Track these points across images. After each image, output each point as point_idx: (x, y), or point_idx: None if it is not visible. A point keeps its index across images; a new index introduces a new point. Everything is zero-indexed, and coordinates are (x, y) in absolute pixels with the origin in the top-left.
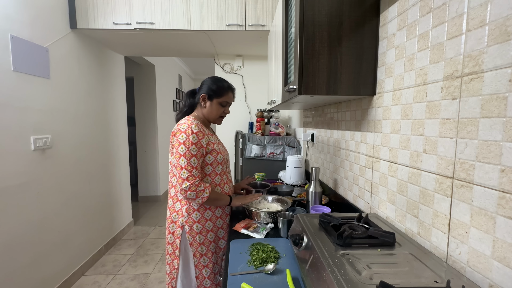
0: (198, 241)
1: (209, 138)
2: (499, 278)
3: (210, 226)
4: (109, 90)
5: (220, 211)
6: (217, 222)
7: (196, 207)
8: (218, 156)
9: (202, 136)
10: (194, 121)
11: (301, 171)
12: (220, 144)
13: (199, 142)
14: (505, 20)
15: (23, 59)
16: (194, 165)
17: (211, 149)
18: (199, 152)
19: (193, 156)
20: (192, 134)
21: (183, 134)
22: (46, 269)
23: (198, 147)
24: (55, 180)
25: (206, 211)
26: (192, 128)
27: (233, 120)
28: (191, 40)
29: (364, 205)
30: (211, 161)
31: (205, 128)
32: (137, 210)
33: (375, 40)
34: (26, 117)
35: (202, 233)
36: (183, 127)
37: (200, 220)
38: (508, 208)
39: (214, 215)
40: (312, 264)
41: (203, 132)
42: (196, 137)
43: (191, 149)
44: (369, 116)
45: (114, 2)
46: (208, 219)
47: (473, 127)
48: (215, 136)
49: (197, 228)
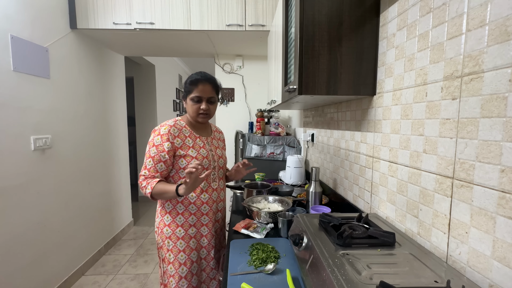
0: (166, 247)
1: (184, 142)
2: (499, 278)
3: (181, 233)
4: (109, 90)
5: (194, 219)
6: (190, 231)
7: (168, 209)
8: (192, 161)
9: (169, 139)
10: (172, 122)
11: (301, 171)
12: (205, 148)
13: (160, 145)
14: (505, 20)
15: (23, 59)
16: (148, 166)
17: (184, 154)
18: (157, 155)
19: (149, 157)
20: (156, 136)
21: (152, 134)
22: (46, 269)
23: (158, 150)
24: (55, 180)
25: (178, 216)
26: (161, 130)
27: (233, 120)
28: (191, 40)
29: (364, 205)
30: (184, 165)
31: (188, 129)
32: (137, 210)
33: (375, 40)
34: (26, 117)
35: (171, 238)
36: (156, 128)
37: (171, 225)
38: (508, 208)
39: (186, 222)
40: (312, 264)
41: (174, 135)
42: (160, 140)
43: (150, 150)
44: (369, 116)
45: (114, 2)
46: (180, 225)
47: (473, 127)
48: (205, 139)
49: (167, 233)
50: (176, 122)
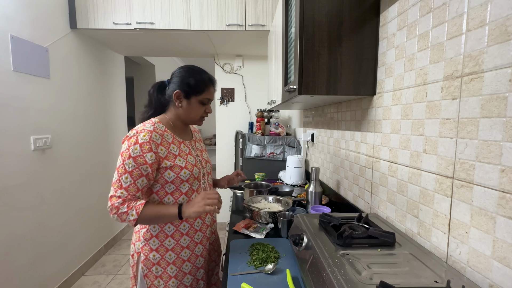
0: (154, 274)
1: (168, 150)
2: (499, 278)
3: (171, 258)
4: (109, 90)
5: (187, 240)
6: (182, 254)
7: (154, 232)
8: (181, 172)
9: (151, 149)
10: (151, 126)
11: (301, 171)
12: (192, 155)
13: (141, 157)
14: (505, 20)
15: (23, 59)
16: (125, 184)
17: (171, 165)
18: (137, 169)
19: (126, 172)
20: (134, 145)
21: (126, 142)
22: (46, 269)
23: (138, 163)
24: (55, 180)
25: (167, 239)
26: (140, 137)
27: (233, 120)
28: (191, 40)
29: (364, 205)
30: (172, 178)
31: (170, 134)
32: None
33: (375, 40)
34: (26, 117)
35: (160, 264)
36: (130, 133)
37: (159, 249)
38: (508, 208)
39: (178, 244)
40: (312, 264)
41: (157, 143)
42: (139, 150)
43: (126, 163)
44: (369, 116)
45: (114, 2)
46: (170, 249)
47: (473, 127)
48: (188, 144)
49: (154, 258)
50: (155, 126)
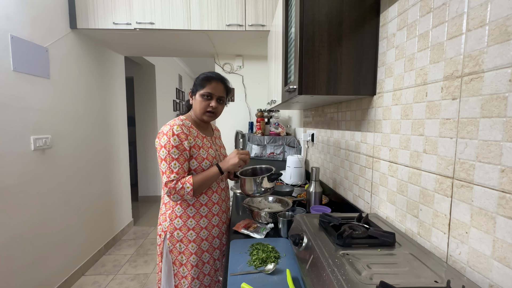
0: (178, 250)
1: (195, 142)
2: (499, 278)
3: (192, 236)
4: (109, 90)
5: (205, 222)
6: (201, 234)
7: (179, 213)
8: (203, 162)
9: (185, 138)
10: (180, 122)
11: (301, 171)
12: (212, 149)
13: (181, 145)
14: (505, 20)
15: (23, 59)
16: (175, 169)
17: (196, 154)
18: (181, 155)
19: (174, 159)
20: (173, 136)
21: (165, 136)
22: (46, 269)
23: (180, 150)
24: (55, 180)
25: (189, 219)
26: (174, 129)
27: (233, 120)
28: (191, 40)
29: (364, 205)
30: (195, 167)
31: (195, 129)
32: (137, 210)
33: (375, 40)
34: (26, 117)
35: (183, 241)
36: (165, 129)
37: (182, 228)
38: (508, 208)
39: (198, 224)
40: (312, 264)
41: (186, 134)
42: (178, 139)
43: (172, 153)
44: (369, 116)
45: (114, 2)
46: (191, 228)
47: (473, 127)
48: (210, 140)
49: (178, 236)
50: (183, 122)
